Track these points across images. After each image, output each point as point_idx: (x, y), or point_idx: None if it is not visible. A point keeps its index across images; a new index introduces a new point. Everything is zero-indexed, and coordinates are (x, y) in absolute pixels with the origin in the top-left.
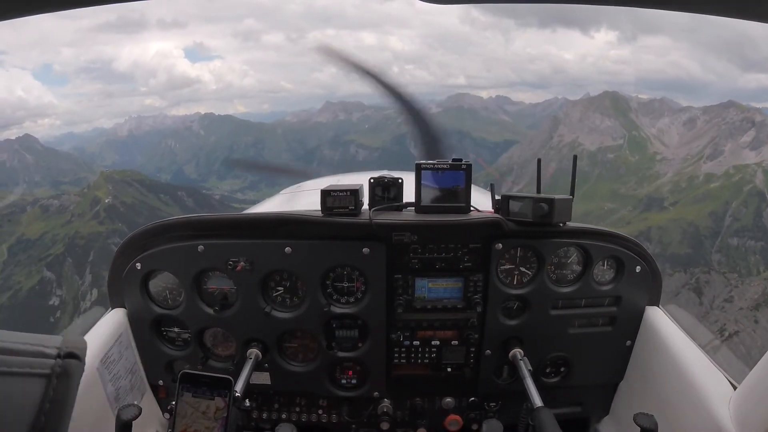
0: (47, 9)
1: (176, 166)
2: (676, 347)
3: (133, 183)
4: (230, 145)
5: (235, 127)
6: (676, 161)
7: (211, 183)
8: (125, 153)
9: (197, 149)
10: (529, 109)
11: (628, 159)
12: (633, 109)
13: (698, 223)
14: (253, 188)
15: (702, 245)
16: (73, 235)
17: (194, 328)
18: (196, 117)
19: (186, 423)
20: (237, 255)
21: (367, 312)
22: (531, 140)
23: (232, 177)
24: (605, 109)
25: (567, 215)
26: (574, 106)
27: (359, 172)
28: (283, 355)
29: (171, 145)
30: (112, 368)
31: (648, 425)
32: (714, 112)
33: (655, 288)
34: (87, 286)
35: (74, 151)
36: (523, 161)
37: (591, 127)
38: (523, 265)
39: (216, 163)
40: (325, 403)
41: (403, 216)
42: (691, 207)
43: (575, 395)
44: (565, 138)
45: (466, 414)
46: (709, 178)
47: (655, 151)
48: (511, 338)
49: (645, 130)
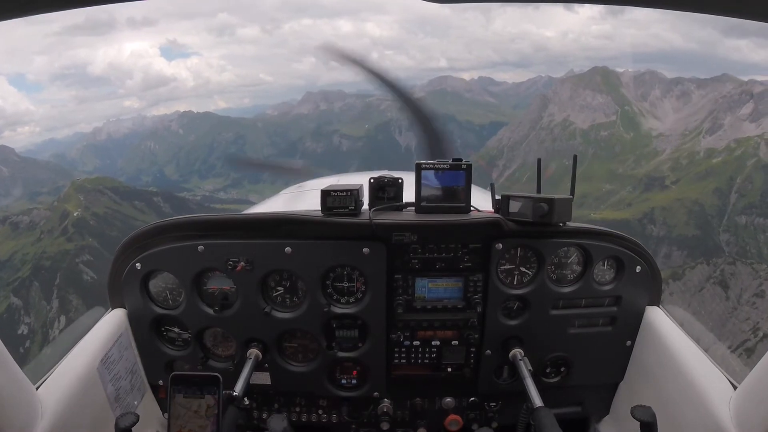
0: (47, 9)
1: (157, 167)
2: (677, 347)
3: (106, 191)
4: (210, 142)
5: (215, 123)
6: (674, 137)
7: (192, 183)
8: (105, 157)
9: (177, 149)
10: (513, 88)
11: (623, 136)
12: (624, 83)
13: (703, 202)
14: (235, 186)
15: (709, 225)
16: (40, 255)
17: (194, 328)
18: (174, 116)
19: (180, 423)
20: (237, 255)
21: (367, 312)
22: (520, 121)
23: (213, 176)
24: (596, 85)
25: (567, 215)
26: (562, 84)
27: (359, 172)
28: (283, 355)
29: (150, 146)
30: (112, 368)
31: (645, 418)
32: (709, 86)
33: (655, 288)
34: (55, 312)
35: (54, 158)
36: (513, 143)
37: (582, 105)
38: (523, 265)
39: (197, 162)
40: (325, 403)
41: (403, 216)
42: (695, 185)
43: (575, 395)
44: (556, 117)
45: (466, 414)
46: (711, 153)
47: (650, 127)
48: (511, 338)
49: (637, 105)
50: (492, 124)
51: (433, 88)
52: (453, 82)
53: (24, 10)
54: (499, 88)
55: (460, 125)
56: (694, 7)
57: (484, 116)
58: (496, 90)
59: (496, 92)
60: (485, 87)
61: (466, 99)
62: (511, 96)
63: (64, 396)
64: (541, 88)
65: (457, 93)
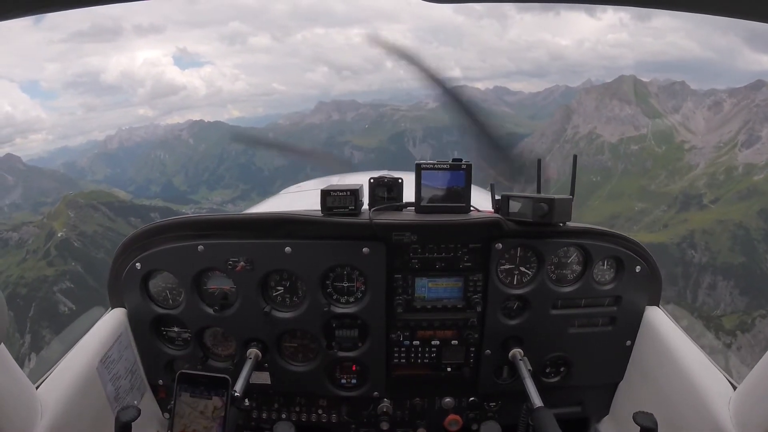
0: (47, 9)
1: (166, 177)
2: (676, 347)
3: (100, 206)
4: (220, 152)
5: (226, 133)
6: (707, 149)
7: (200, 194)
8: (116, 166)
9: (186, 159)
10: (529, 98)
11: (654, 150)
12: (653, 93)
13: (748, 225)
14: (244, 198)
15: (756, 252)
16: (17, 280)
17: (194, 328)
18: (185, 125)
19: (184, 423)
20: (237, 255)
21: (367, 312)
22: (543, 133)
23: (222, 187)
24: (623, 95)
25: (567, 215)
26: (587, 94)
27: (359, 172)
28: (282, 355)
29: (160, 155)
30: (112, 368)
31: (647, 424)
32: (742, 94)
33: (654, 288)
34: (27, 348)
35: (64, 166)
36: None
37: (609, 116)
38: (523, 265)
39: (205, 173)
40: (325, 403)
41: (403, 216)
42: (737, 205)
43: (575, 395)
44: (581, 129)
45: (466, 414)
46: (750, 169)
47: (682, 139)
48: (511, 338)
49: (669, 117)
50: (509, 134)
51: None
52: (468, 91)
53: (26, 10)
54: (514, 98)
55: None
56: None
57: (501, 127)
58: (511, 100)
59: (511, 102)
60: (500, 97)
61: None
62: (527, 106)
63: (63, 395)
64: (558, 98)
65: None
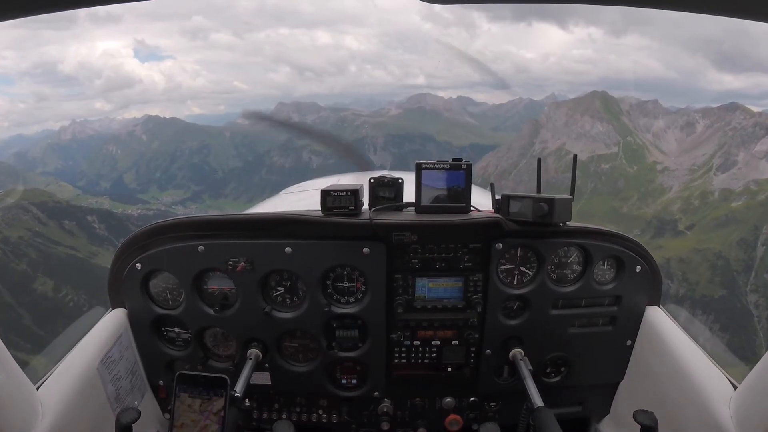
0: (47, 9)
1: (117, 173)
2: (677, 347)
3: (31, 208)
4: (173, 150)
5: (180, 130)
6: (681, 172)
7: (150, 193)
8: (69, 158)
9: (138, 156)
10: (493, 110)
11: (625, 170)
12: (624, 111)
13: (728, 255)
14: (195, 200)
15: (735, 283)
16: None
17: (194, 328)
18: (141, 120)
19: (184, 422)
20: (237, 255)
21: (367, 312)
22: (509, 147)
23: (173, 187)
24: (594, 112)
25: (567, 215)
26: (557, 108)
27: (359, 172)
28: (283, 355)
29: (113, 151)
30: (113, 368)
31: (647, 422)
32: (716, 115)
33: (655, 288)
34: None
35: (15, 156)
36: (501, 171)
37: (579, 132)
38: (523, 264)
39: (157, 171)
40: (325, 403)
41: (403, 216)
42: (714, 233)
43: (576, 395)
44: (549, 145)
45: (466, 414)
46: (727, 195)
47: (654, 160)
48: (512, 338)
49: (640, 136)
50: (472, 146)
51: (411, 106)
52: (432, 100)
53: (26, 10)
54: (478, 108)
55: (438, 145)
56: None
57: (464, 137)
58: (475, 111)
59: (475, 113)
60: (464, 107)
61: (445, 118)
62: (490, 117)
63: (64, 396)
64: (522, 110)
65: (436, 111)
